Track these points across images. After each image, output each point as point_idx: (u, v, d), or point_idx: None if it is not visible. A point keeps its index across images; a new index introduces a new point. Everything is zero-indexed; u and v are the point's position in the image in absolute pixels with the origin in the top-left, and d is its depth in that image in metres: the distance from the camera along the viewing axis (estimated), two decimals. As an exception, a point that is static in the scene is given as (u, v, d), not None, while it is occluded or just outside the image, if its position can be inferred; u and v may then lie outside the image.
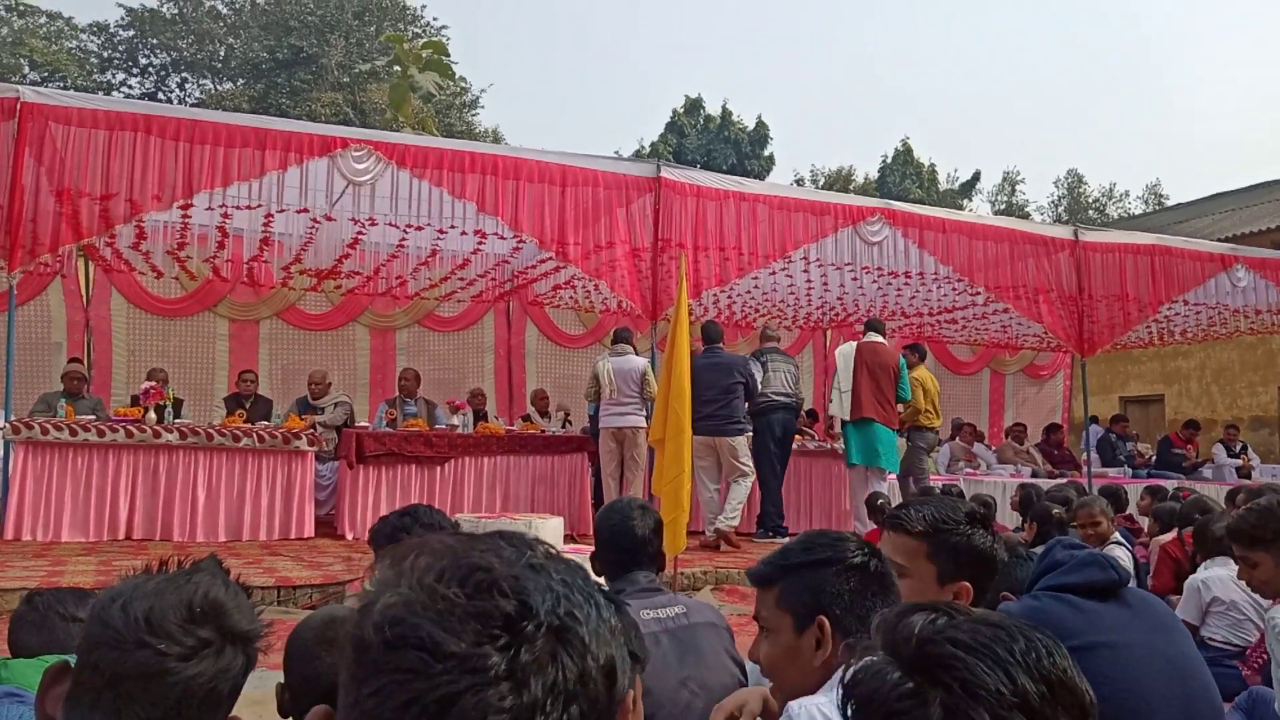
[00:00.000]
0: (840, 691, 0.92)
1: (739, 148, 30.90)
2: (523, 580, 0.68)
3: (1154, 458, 12.03)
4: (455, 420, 8.98)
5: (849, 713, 0.91)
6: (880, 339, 8.67)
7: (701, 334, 8.37)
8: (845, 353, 8.52)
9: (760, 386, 8.21)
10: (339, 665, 0.70)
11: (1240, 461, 11.83)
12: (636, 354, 8.36)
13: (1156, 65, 65.63)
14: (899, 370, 8.56)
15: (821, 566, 1.74)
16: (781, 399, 8.40)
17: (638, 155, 30.83)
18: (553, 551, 0.74)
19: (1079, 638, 2.15)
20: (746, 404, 8.10)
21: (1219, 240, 12.82)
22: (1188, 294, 9.84)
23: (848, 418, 8.36)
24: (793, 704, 1.56)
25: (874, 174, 33.56)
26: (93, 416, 7.51)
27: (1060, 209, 38.11)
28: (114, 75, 28.62)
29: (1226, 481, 10.77)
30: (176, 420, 7.68)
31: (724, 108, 31.66)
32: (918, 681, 0.85)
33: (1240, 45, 65.57)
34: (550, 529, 5.49)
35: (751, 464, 8.11)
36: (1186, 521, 5.01)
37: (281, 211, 7.42)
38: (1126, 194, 38.50)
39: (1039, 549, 3.75)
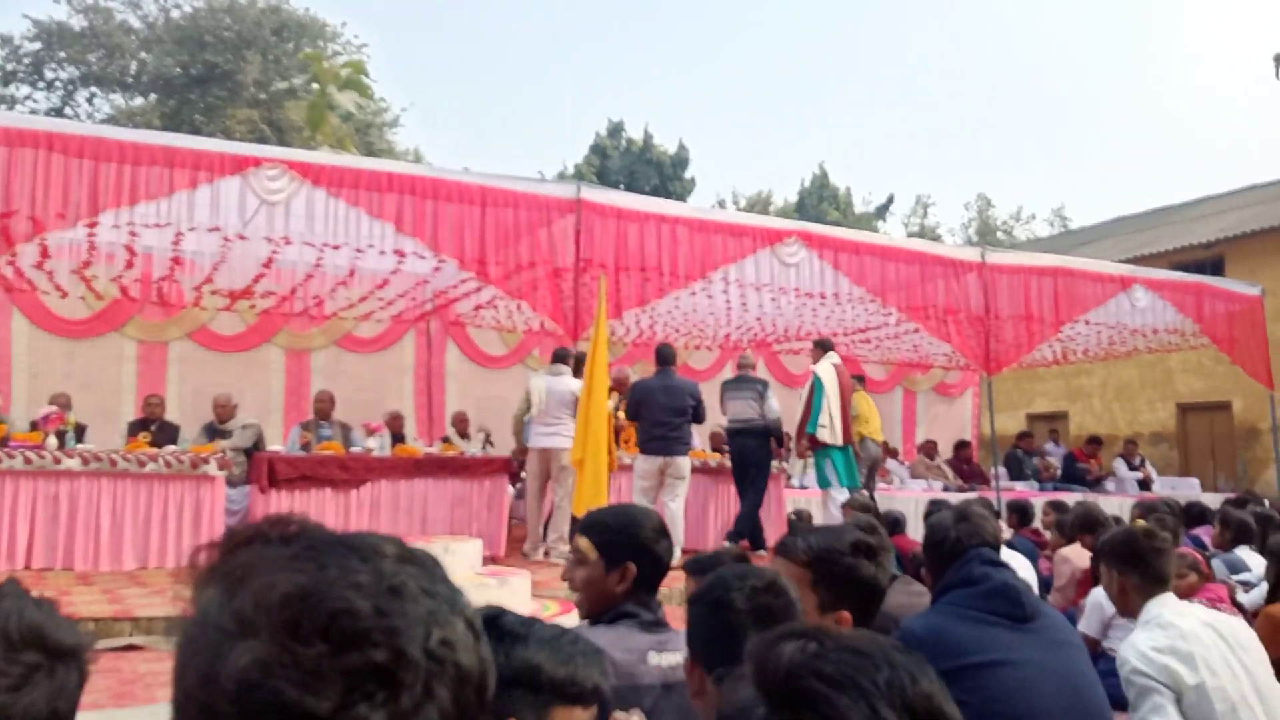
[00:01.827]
0: None
1: (661, 170, 31.19)
2: (391, 618, 0.62)
3: (1060, 472, 12.45)
4: (371, 443, 8.84)
5: None
6: (838, 359, 8.80)
7: (655, 356, 8.43)
8: (829, 377, 8.40)
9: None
10: None
11: (1141, 474, 12.33)
12: (576, 375, 8.33)
13: (1061, 90, 68.30)
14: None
15: (691, 604, 1.78)
16: (737, 425, 8.63)
17: (561, 176, 30.86)
18: (406, 552, 0.69)
19: (976, 655, 2.22)
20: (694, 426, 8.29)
21: (1119, 261, 13.37)
22: (1089, 314, 10.15)
23: (840, 444, 8.37)
24: None
25: (793, 198, 34.12)
26: (-11, 443, 7.20)
27: (970, 231, 39.24)
28: (18, 89, 27.58)
29: (1129, 494, 11.19)
30: (79, 446, 7.42)
31: (646, 131, 31.96)
32: (784, 718, 0.84)
33: (1139, 73, 68.67)
34: (467, 552, 5.45)
35: (687, 484, 8.18)
36: (1077, 530, 5.27)
37: (192, 230, 7.24)
38: (1033, 217, 39.81)
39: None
